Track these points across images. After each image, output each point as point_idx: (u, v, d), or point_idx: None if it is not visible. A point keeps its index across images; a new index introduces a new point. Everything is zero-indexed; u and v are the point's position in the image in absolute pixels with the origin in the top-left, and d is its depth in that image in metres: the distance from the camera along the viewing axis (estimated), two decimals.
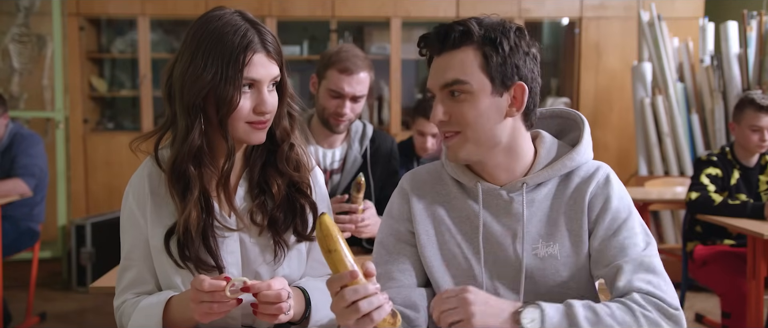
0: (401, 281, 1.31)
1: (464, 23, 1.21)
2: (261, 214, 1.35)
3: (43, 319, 3.81)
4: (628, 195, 1.29)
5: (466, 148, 1.23)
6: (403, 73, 5.20)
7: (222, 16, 1.28)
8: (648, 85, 4.68)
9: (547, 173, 1.27)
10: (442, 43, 1.22)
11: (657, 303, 1.16)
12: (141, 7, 4.97)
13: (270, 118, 1.31)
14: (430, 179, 1.36)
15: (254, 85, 1.27)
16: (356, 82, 2.07)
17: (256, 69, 1.26)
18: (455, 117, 1.22)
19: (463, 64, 1.20)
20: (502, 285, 1.27)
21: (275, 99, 1.31)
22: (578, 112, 1.37)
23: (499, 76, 1.20)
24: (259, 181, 1.37)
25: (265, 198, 1.36)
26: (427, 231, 1.31)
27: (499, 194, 1.28)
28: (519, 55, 1.22)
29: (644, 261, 1.21)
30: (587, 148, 1.31)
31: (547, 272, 1.25)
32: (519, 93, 1.23)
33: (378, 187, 2.23)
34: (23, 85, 5.00)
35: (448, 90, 1.22)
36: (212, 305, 1.18)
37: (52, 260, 4.87)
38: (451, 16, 5.09)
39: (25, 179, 3.49)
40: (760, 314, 2.74)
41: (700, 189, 2.93)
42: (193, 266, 1.30)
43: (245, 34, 1.25)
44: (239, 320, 1.37)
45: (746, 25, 4.33)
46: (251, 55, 1.25)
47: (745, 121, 2.93)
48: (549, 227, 1.27)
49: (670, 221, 4.67)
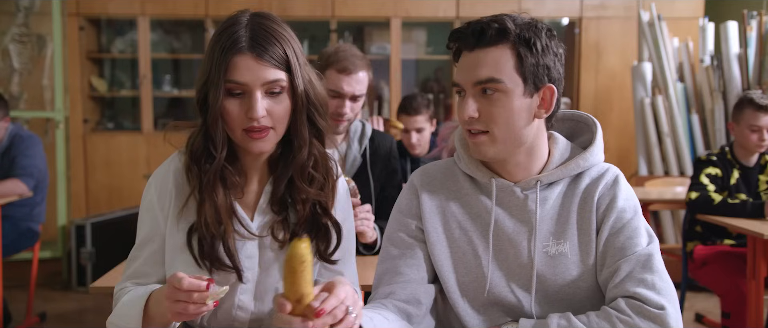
0: (408, 276, 1.31)
1: (500, 21, 1.20)
2: (283, 230, 1.30)
3: (43, 319, 3.81)
4: (635, 197, 1.30)
5: (495, 147, 1.23)
6: (403, 73, 5.21)
7: (233, 17, 1.24)
8: (648, 85, 4.68)
9: (560, 172, 1.28)
10: (478, 39, 1.20)
11: (638, 306, 1.17)
12: (141, 7, 4.97)
13: (270, 126, 1.22)
14: (441, 175, 1.36)
15: (244, 89, 1.20)
16: (355, 82, 2.06)
17: (240, 72, 1.19)
18: (485, 115, 1.21)
19: (498, 63, 1.19)
20: (512, 282, 1.27)
21: (280, 107, 1.22)
22: (591, 115, 1.37)
23: (531, 77, 1.20)
24: (284, 195, 1.31)
25: (287, 213, 1.31)
26: (435, 228, 1.31)
27: (513, 191, 1.28)
28: (550, 56, 1.22)
29: (642, 258, 1.21)
30: (599, 150, 1.32)
31: (557, 271, 1.26)
32: (548, 95, 1.23)
33: (378, 187, 2.22)
34: (23, 85, 5.00)
35: (480, 87, 1.21)
36: (187, 305, 1.09)
37: (52, 260, 4.87)
38: (451, 17, 5.09)
39: (23, 179, 3.49)
40: (760, 314, 2.74)
41: (700, 189, 2.93)
42: (210, 265, 1.26)
43: (232, 35, 1.20)
44: (247, 324, 1.35)
45: (746, 25, 4.33)
46: (233, 56, 1.19)
47: (744, 120, 2.94)
48: (560, 226, 1.27)
49: (670, 221, 4.67)
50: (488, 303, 1.29)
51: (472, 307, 1.29)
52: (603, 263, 1.25)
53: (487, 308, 1.29)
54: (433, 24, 5.34)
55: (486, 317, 1.29)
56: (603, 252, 1.25)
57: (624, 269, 1.21)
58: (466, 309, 1.29)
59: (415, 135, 3.15)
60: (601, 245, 1.25)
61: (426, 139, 3.18)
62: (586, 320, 1.18)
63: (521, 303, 1.27)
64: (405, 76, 5.27)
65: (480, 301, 1.29)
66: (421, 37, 5.36)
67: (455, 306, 1.30)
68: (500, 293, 1.27)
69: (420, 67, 5.62)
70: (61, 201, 4.87)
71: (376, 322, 1.18)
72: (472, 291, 1.29)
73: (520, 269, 1.27)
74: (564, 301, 1.26)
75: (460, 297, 1.29)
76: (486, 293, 1.27)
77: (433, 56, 5.43)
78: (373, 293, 1.34)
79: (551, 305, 1.27)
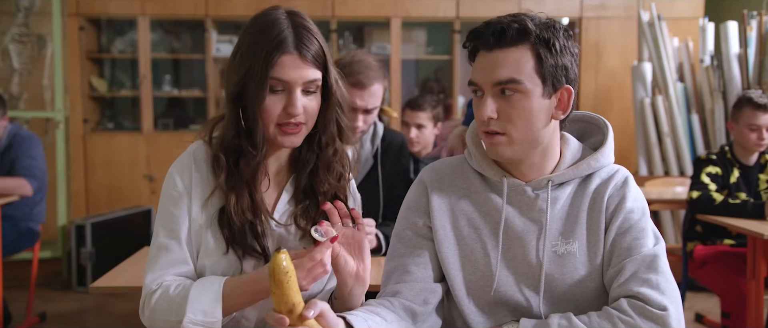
0: (416, 275, 1.31)
1: (520, 21, 1.19)
2: (305, 219, 1.36)
3: (43, 319, 3.81)
4: (643, 199, 1.30)
5: (512, 148, 1.23)
6: (403, 73, 5.21)
7: (270, 14, 1.29)
8: (648, 85, 4.68)
9: (571, 172, 1.28)
10: (498, 39, 1.19)
11: (640, 306, 1.17)
12: (141, 7, 4.97)
13: (303, 122, 1.29)
14: (451, 173, 1.36)
15: (285, 86, 1.26)
16: (368, 96, 2.03)
17: (284, 70, 1.25)
18: (504, 116, 1.21)
19: (518, 64, 1.19)
20: (520, 282, 1.27)
21: (313, 104, 1.29)
22: (602, 117, 1.38)
23: (550, 78, 1.20)
24: (306, 186, 1.37)
25: (309, 204, 1.37)
26: (444, 225, 1.31)
27: (524, 190, 1.28)
28: (568, 56, 1.22)
29: (647, 259, 1.21)
30: (610, 152, 1.32)
31: (565, 270, 1.26)
32: (565, 96, 1.23)
33: (387, 186, 2.21)
34: (23, 85, 5.00)
35: (499, 88, 1.20)
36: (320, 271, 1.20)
37: (52, 260, 4.87)
38: (451, 16, 5.10)
39: (27, 180, 3.49)
40: (760, 314, 2.74)
41: (702, 188, 2.93)
42: (241, 252, 1.31)
43: (279, 34, 1.25)
44: (253, 321, 1.36)
45: (746, 25, 4.33)
46: (280, 55, 1.24)
47: (743, 119, 2.94)
48: (569, 226, 1.28)
49: (670, 221, 4.67)
50: (493, 302, 1.29)
51: (477, 306, 1.29)
52: (609, 263, 1.25)
53: (492, 308, 1.29)
54: (433, 24, 5.34)
55: (491, 316, 1.29)
56: (609, 252, 1.25)
57: (629, 268, 1.21)
58: (471, 308, 1.29)
59: (415, 131, 3.13)
60: (608, 245, 1.26)
61: (426, 137, 3.16)
62: (587, 320, 1.18)
63: (529, 303, 1.27)
64: (405, 76, 5.27)
65: (485, 300, 1.29)
66: (421, 37, 5.36)
67: (460, 304, 1.29)
68: (507, 292, 1.27)
69: (420, 67, 5.62)
70: (61, 201, 4.87)
71: (370, 324, 1.18)
72: (478, 290, 1.29)
73: (528, 269, 1.27)
74: (571, 301, 1.26)
75: (466, 295, 1.29)
76: (493, 292, 1.27)
77: (433, 56, 5.43)
78: (381, 291, 1.34)
79: (559, 304, 1.27)
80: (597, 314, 1.19)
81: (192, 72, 5.48)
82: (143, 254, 2.16)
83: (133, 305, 1.46)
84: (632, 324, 1.15)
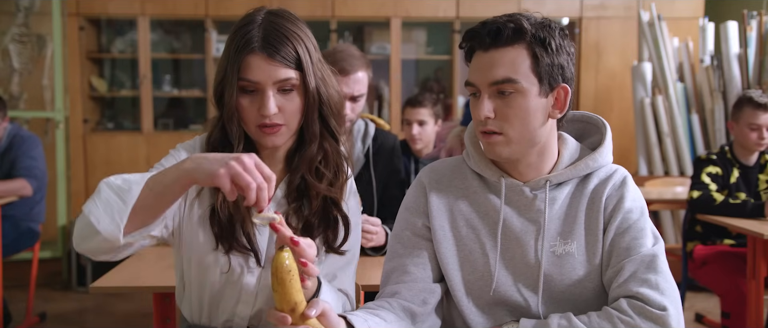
0: (415, 275, 1.31)
1: (515, 20, 1.20)
2: (296, 218, 1.35)
3: (43, 319, 3.81)
4: (642, 199, 1.30)
5: (509, 148, 1.23)
6: (403, 73, 5.21)
7: (249, 15, 1.29)
8: (648, 85, 4.68)
9: (569, 172, 1.28)
10: (494, 39, 1.20)
11: (639, 306, 1.17)
12: (141, 7, 4.97)
13: (282, 122, 1.27)
14: (450, 173, 1.36)
15: (256, 87, 1.25)
16: (354, 82, 2.06)
17: (252, 70, 1.24)
18: (501, 115, 1.21)
19: (514, 63, 1.19)
20: (519, 282, 1.27)
21: (291, 104, 1.27)
22: (600, 117, 1.38)
23: (546, 77, 1.20)
24: (300, 186, 1.35)
25: (302, 203, 1.36)
26: (442, 226, 1.31)
27: (522, 191, 1.28)
28: (564, 55, 1.22)
29: (647, 259, 1.21)
30: (608, 152, 1.32)
31: (564, 270, 1.26)
32: (562, 95, 1.24)
33: (380, 186, 2.22)
34: (23, 85, 5.00)
35: (496, 88, 1.21)
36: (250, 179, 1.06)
37: (52, 260, 4.87)
38: (451, 16, 5.10)
39: (28, 180, 3.50)
40: (760, 314, 2.74)
41: (702, 188, 2.94)
42: (229, 248, 1.30)
43: (246, 34, 1.24)
44: (247, 320, 1.36)
45: (746, 25, 4.33)
46: (246, 55, 1.24)
47: (744, 119, 2.94)
48: (567, 226, 1.28)
49: (670, 221, 4.67)
50: (493, 303, 1.29)
51: (477, 306, 1.30)
52: (608, 263, 1.25)
53: (492, 308, 1.29)
54: (433, 24, 5.34)
55: (490, 316, 1.29)
56: (608, 252, 1.25)
57: (628, 269, 1.21)
58: (470, 308, 1.29)
59: (417, 127, 3.12)
60: (607, 245, 1.26)
61: (428, 134, 3.14)
62: (587, 321, 1.18)
63: (528, 303, 1.27)
64: (405, 76, 5.27)
65: (485, 300, 1.29)
66: (421, 37, 5.36)
67: (459, 305, 1.30)
68: (506, 292, 1.27)
69: (420, 67, 5.62)
70: (61, 201, 4.87)
71: (370, 324, 1.18)
72: (477, 290, 1.29)
73: (526, 269, 1.27)
74: (570, 301, 1.26)
75: (465, 296, 1.29)
76: (492, 292, 1.27)
77: (433, 56, 5.42)
78: (380, 291, 1.34)
79: (557, 304, 1.27)
80: (597, 314, 1.19)
81: (192, 72, 5.48)
82: (143, 255, 2.16)
83: (134, 305, 1.47)
84: (632, 324, 1.15)
